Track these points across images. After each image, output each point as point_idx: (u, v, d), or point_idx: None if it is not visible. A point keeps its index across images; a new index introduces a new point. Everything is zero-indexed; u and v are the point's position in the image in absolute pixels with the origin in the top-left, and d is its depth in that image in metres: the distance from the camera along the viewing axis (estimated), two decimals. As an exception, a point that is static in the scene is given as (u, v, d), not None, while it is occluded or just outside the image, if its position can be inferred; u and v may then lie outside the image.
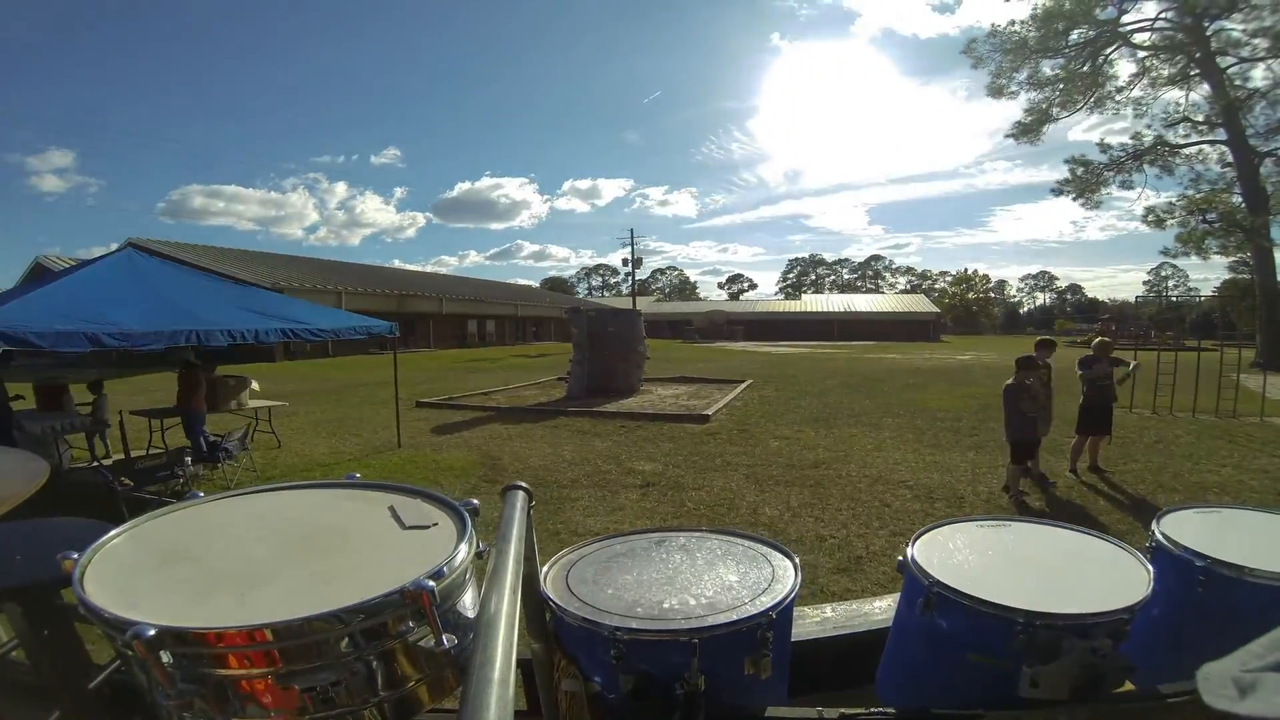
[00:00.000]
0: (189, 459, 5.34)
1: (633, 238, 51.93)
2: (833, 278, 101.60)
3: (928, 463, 7.19)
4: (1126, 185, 24.05)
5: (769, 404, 11.81)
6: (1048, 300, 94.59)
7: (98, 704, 0.93)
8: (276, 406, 9.18)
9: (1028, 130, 24.85)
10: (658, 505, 5.72)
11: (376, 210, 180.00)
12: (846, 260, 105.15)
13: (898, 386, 14.39)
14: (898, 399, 12.32)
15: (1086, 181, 24.32)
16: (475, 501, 0.91)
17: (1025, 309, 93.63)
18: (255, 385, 9.49)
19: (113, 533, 0.86)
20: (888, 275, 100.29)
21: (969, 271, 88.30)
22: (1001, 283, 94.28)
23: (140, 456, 5.97)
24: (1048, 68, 23.89)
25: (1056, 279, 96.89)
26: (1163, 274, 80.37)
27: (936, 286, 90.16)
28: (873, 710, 1.55)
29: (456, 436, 8.98)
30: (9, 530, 1.05)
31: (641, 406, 11.40)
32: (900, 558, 1.44)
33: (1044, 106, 24.27)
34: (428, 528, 0.87)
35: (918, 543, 1.47)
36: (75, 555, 0.78)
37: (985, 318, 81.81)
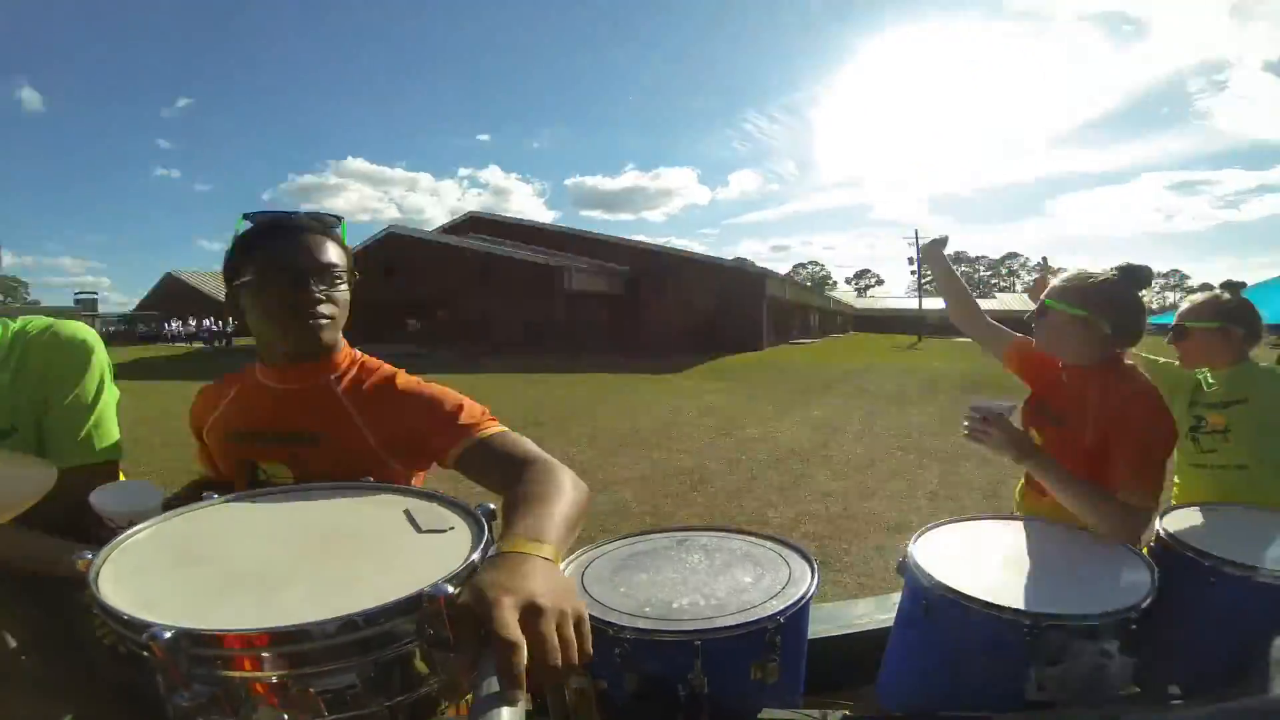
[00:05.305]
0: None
1: (917, 238, 50.07)
2: (967, 272, 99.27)
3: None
4: None
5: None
6: (1177, 299, 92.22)
7: (112, 705, 0.93)
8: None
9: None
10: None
11: (525, 199, 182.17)
12: (983, 257, 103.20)
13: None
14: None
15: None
16: (492, 505, 0.91)
17: (1158, 309, 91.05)
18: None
19: (127, 532, 0.86)
20: (1023, 273, 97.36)
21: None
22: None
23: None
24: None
25: (1188, 277, 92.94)
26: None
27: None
28: (877, 714, 1.56)
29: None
30: None
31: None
32: (900, 558, 1.44)
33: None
34: (444, 531, 0.87)
35: (918, 543, 1.46)
36: (90, 555, 0.78)
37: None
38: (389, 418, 1.21)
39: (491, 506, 0.91)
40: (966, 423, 1.63)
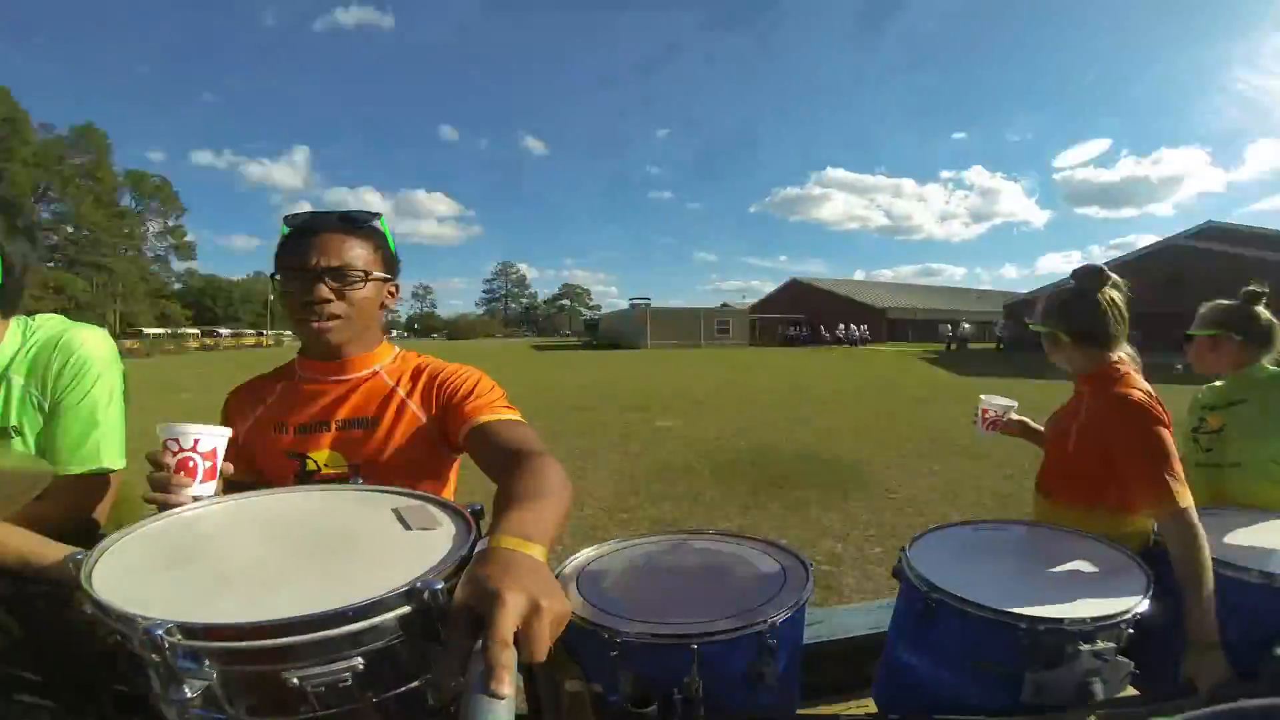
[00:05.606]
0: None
1: None
2: None
3: None
4: None
5: None
6: None
7: (105, 704, 0.93)
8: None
9: None
10: None
11: (1014, 199, 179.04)
12: None
13: None
14: None
15: None
16: (480, 504, 0.92)
17: None
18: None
19: (119, 533, 0.86)
20: None
21: None
22: None
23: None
24: None
25: None
26: None
27: None
28: (874, 717, 1.56)
29: None
30: None
31: None
32: (896, 563, 1.44)
33: None
34: (433, 530, 0.87)
35: (913, 547, 1.47)
36: (81, 555, 0.79)
37: None
38: (432, 395, 1.32)
39: (479, 505, 0.91)
40: (974, 414, 1.96)
